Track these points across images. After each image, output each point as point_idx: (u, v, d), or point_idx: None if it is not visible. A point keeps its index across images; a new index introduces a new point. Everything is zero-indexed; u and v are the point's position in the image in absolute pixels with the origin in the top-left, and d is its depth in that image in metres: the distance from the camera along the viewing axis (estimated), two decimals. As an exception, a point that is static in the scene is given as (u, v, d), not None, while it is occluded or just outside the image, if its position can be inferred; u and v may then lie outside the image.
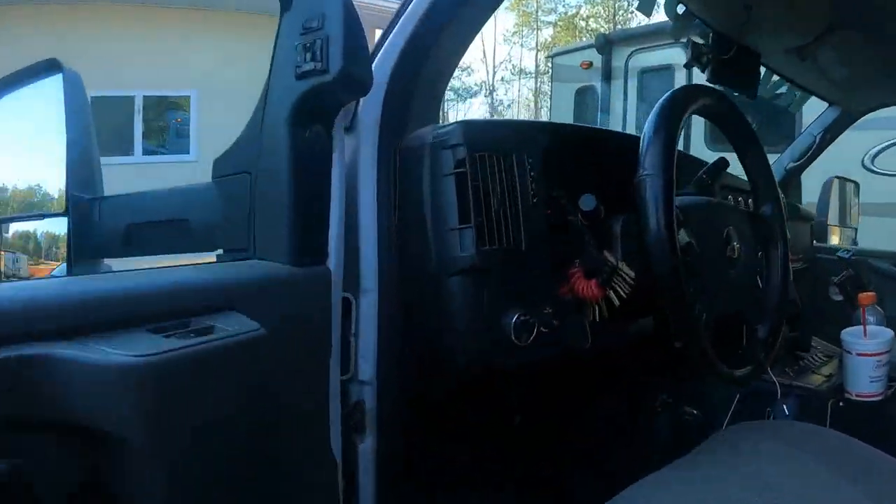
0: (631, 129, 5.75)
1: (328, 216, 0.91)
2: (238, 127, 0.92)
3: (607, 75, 6.14)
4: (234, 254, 0.94)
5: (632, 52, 6.04)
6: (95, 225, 1.07)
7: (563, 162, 1.08)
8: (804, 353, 1.87)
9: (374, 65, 1.00)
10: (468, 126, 0.98)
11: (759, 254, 1.25)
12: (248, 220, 0.90)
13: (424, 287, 0.99)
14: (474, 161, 0.96)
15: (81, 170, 1.09)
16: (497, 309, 0.96)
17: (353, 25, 0.85)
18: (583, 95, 6.53)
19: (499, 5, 1.08)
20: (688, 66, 1.70)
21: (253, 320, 0.78)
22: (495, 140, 1.00)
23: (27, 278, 1.17)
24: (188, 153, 6.74)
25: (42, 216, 1.13)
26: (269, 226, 0.89)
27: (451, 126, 0.98)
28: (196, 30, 5.67)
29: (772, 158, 1.44)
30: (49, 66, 1.06)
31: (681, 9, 1.69)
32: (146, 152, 6.78)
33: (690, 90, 1.14)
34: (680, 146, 1.08)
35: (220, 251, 0.97)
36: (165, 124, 7.02)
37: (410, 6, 1.02)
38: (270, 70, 0.90)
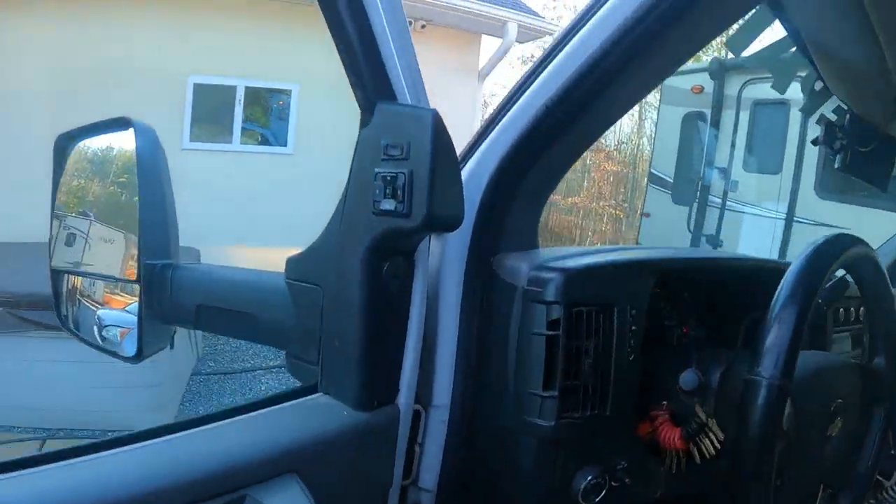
0: (738, 168, 5.47)
1: (403, 353, 0.83)
2: (337, 128, 0.80)
3: (718, 104, 5.84)
4: (303, 363, 0.87)
5: (746, 82, 5.74)
6: (167, 296, 1.03)
7: (671, 302, 0.98)
8: (886, 482, 1.67)
9: (465, 172, 0.90)
10: (567, 277, 0.87)
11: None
12: (318, 337, 0.83)
13: (494, 429, 0.91)
14: (570, 317, 0.86)
15: (155, 232, 1.04)
16: (568, 473, 0.88)
17: (444, 158, 0.71)
18: (691, 122, 6.27)
19: (620, 117, 0.94)
20: (814, 143, 1.56)
21: (312, 488, 0.71)
22: (596, 291, 0.89)
23: (101, 303, 1.14)
24: (285, 145, 6.83)
25: (115, 280, 1.09)
26: (338, 355, 0.81)
27: (549, 273, 0.87)
28: (302, 25, 5.70)
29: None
30: (120, 123, 1.00)
31: (818, 86, 1.53)
32: (248, 130, 6.90)
33: (839, 242, 0.94)
34: (783, 180, 0.89)
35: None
36: (268, 105, 7.16)
37: (515, 108, 0.89)
38: (348, 184, 0.78)
